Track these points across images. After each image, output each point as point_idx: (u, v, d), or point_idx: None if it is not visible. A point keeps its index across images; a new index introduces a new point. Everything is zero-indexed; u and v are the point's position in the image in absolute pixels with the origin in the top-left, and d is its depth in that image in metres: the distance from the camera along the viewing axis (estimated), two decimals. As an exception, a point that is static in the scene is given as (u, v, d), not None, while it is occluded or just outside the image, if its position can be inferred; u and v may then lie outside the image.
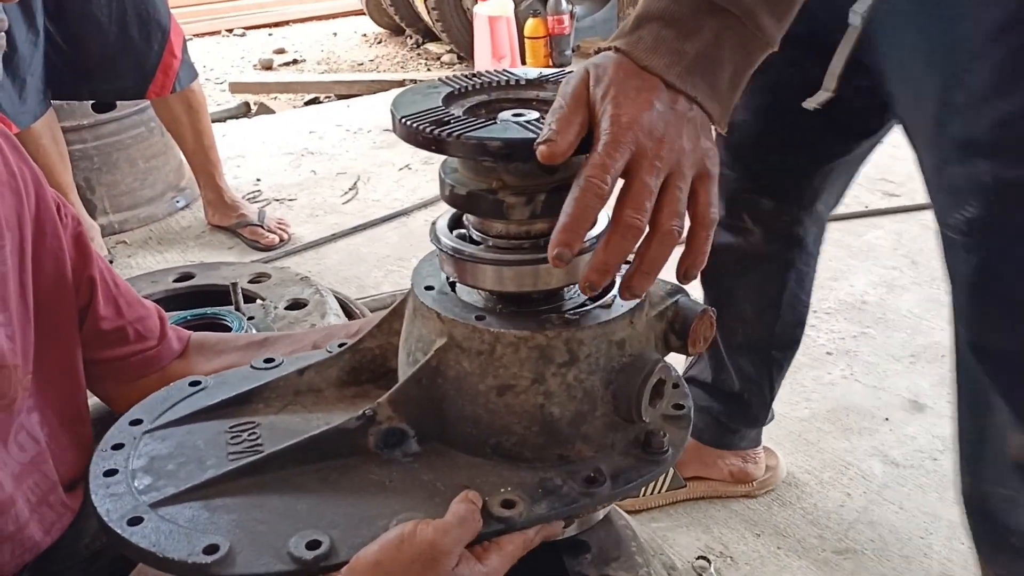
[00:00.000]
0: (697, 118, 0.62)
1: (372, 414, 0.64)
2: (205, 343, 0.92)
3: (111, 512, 0.60)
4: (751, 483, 1.62)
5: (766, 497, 1.61)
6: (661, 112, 0.60)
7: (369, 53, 5.33)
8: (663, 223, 0.59)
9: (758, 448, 1.64)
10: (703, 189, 0.61)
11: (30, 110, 2.21)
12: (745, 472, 1.61)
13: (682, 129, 0.60)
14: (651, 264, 0.59)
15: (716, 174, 0.62)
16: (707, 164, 0.61)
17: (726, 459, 1.60)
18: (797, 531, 1.54)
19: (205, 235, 2.75)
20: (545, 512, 0.62)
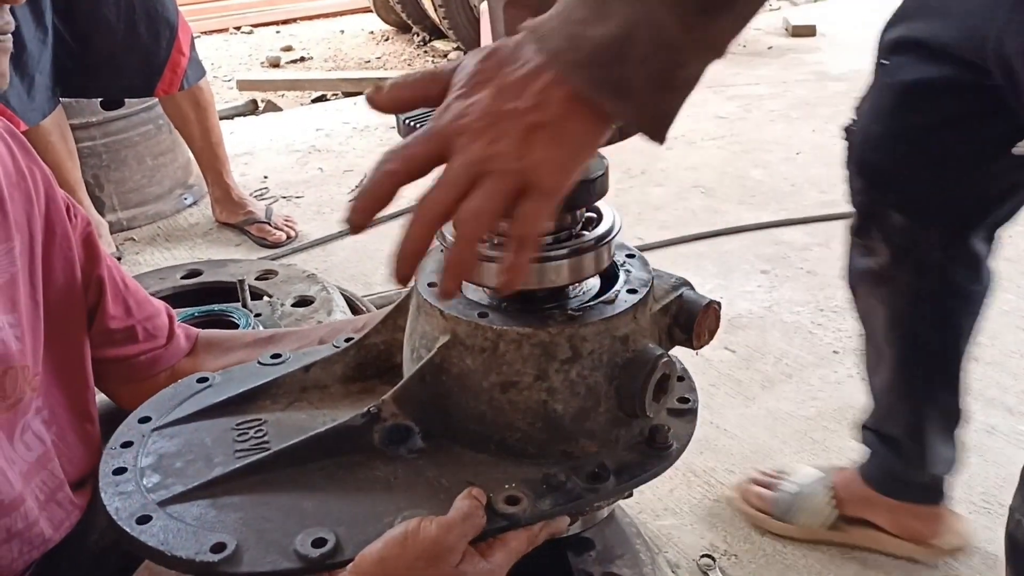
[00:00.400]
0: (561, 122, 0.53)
1: (377, 411, 0.64)
2: (213, 341, 0.93)
3: (120, 510, 0.61)
4: (925, 544, 1.46)
5: (772, 495, 1.61)
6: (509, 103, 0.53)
7: (376, 51, 5.33)
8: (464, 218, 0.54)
9: (936, 506, 1.48)
10: (526, 207, 0.53)
11: (39, 107, 2.22)
12: (915, 530, 1.47)
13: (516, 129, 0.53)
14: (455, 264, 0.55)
15: (545, 194, 0.53)
16: (535, 180, 0.53)
17: (896, 511, 1.47)
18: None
19: (213, 232, 2.76)
20: (549, 508, 0.62)
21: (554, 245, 0.65)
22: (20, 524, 0.73)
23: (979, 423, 1.77)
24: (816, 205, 2.69)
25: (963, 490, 1.60)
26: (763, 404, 1.85)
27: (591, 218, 0.69)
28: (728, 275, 2.35)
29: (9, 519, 0.73)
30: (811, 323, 2.12)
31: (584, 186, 0.63)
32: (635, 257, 0.71)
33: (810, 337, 2.06)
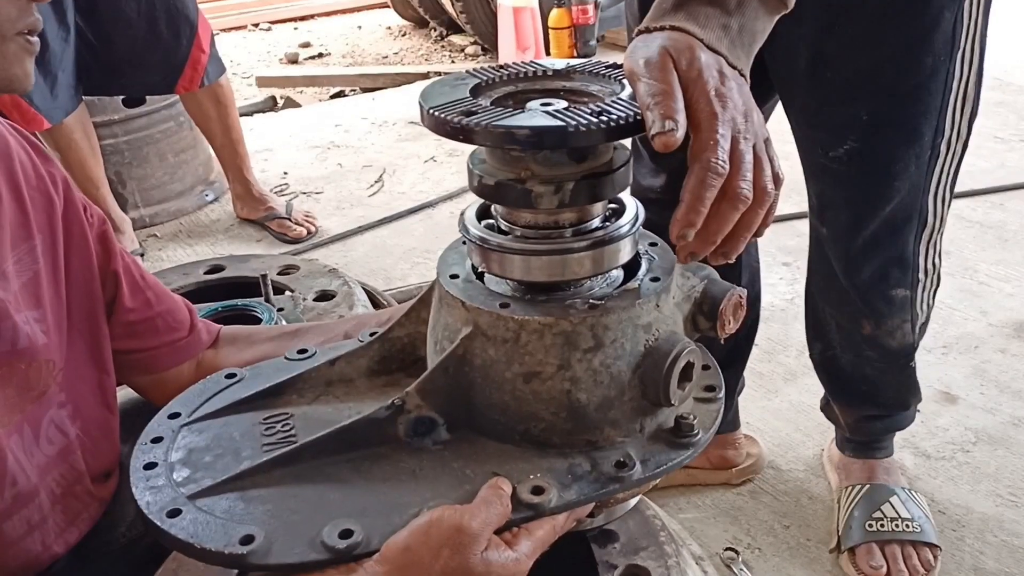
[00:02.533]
0: (747, 89, 0.65)
1: (401, 403, 0.64)
2: (237, 335, 0.94)
3: (151, 504, 0.62)
4: (730, 469, 1.58)
5: (794, 489, 1.60)
6: (734, 87, 0.63)
7: (394, 46, 5.34)
8: (762, 186, 0.61)
9: (736, 433, 1.59)
10: (771, 151, 0.64)
11: (61, 105, 2.24)
12: (723, 458, 1.57)
13: (750, 101, 0.64)
14: (748, 226, 0.62)
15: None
16: (767, 129, 0.65)
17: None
18: (826, 522, 1.52)
19: (234, 228, 2.78)
20: (575, 498, 0.62)
21: (576, 237, 0.65)
22: (36, 517, 0.75)
23: (1005, 416, 1.75)
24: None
25: (990, 483, 1.58)
26: (786, 397, 1.84)
27: (614, 209, 0.69)
28: (749, 267, 2.33)
29: (27, 511, 0.74)
30: (834, 315, 2.10)
31: (607, 178, 0.63)
32: (657, 245, 0.71)
33: (833, 329, 2.05)
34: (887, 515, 1.42)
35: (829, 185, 1.20)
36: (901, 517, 1.42)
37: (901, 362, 1.35)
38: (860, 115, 1.11)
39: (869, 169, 1.15)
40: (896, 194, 1.16)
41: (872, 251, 1.21)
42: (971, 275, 2.24)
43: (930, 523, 1.44)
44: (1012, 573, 1.40)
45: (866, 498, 1.45)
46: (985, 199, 2.62)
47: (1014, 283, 2.19)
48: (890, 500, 1.44)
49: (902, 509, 1.43)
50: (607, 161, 0.64)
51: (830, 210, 1.22)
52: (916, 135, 1.12)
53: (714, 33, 0.65)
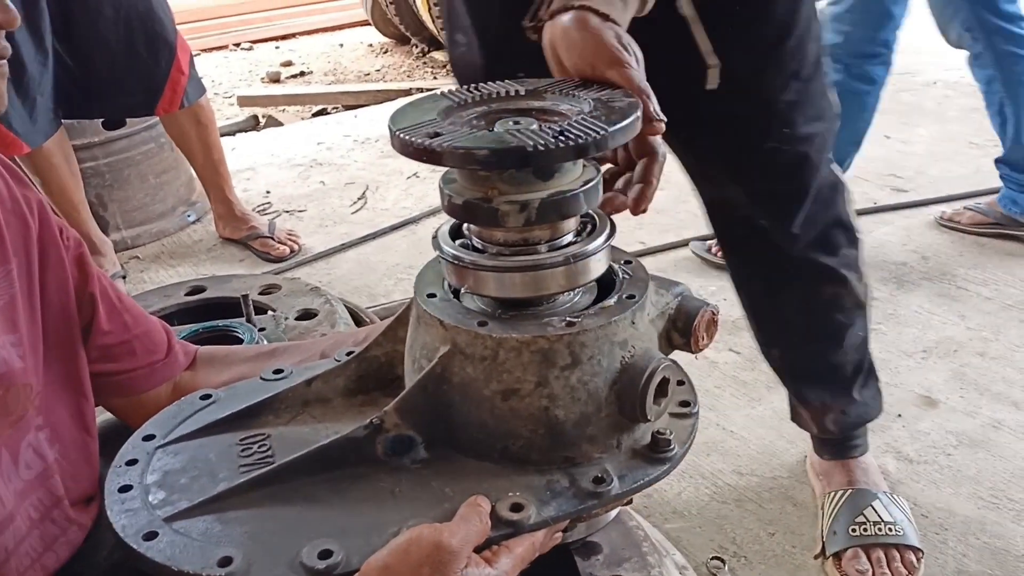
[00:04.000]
0: None
1: (379, 422, 0.65)
2: (215, 356, 0.94)
3: (127, 528, 0.61)
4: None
5: (779, 496, 1.61)
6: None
7: (375, 63, 5.36)
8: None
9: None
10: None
11: (41, 129, 2.24)
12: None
13: None
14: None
15: None
16: None
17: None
18: (811, 529, 1.53)
19: (216, 248, 2.77)
20: (554, 514, 0.62)
21: (551, 253, 0.65)
22: (12, 543, 0.74)
23: (985, 419, 1.77)
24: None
25: (971, 485, 1.59)
26: (769, 405, 1.85)
27: (586, 225, 0.70)
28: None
29: (3, 537, 0.73)
30: (815, 322, 2.12)
31: (579, 194, 0.64)
32: (632, 263, 0.72)
33: (814, 337, 2.06)
34: (870, 519, 1.43)
35: (755, 175, 1.26)
36: (884, 521, 1.43)
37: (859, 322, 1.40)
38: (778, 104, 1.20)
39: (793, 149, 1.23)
40: (821, 166, 1.26)
41: (815, 222, 1.29)
42: (949, 280, 2.27)
43: (912, 526, 1.45)
44: (995, 575, 1.41)
45: (849, 503, 1.47)
46: (961, 204, 2.66)
47: (991, 287, 2.21)
48: (872, 504, 1.45)
49: (884, 513, 1.44)
50: (575, 179, 0.65)
51: (769, 198, 1.28)
52: (823, 111, 1.24)
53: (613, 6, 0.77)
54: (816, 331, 1.39)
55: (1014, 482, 1.60)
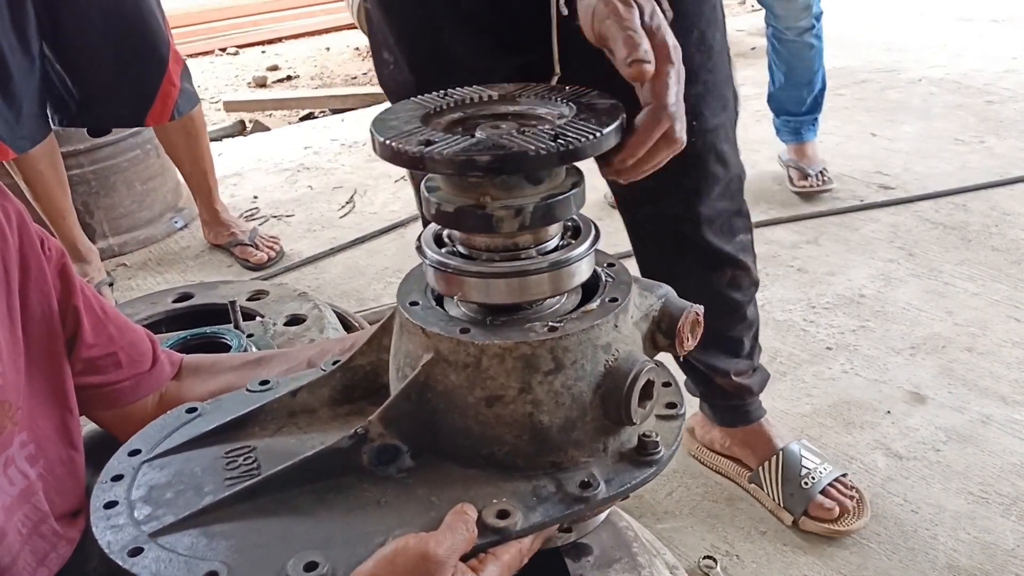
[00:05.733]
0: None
1: (364, 432, 0.64)
2: (200, 365, 0.93)
3: (112, 544, 0.61)
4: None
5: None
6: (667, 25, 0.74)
7: (362, 67, 5.34)
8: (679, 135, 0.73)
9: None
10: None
11: (27, 135, 2.23)
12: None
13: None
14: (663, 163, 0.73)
15: None
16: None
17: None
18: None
19: (204, 255, 2.76)
20: (540, 520, 0.62)
21: (535, 259, 0.65)
22: (6, 559, 0.74)
23: (974, 414, 1.78)
24: (804, 203, 2.70)
25: (961, 481, 1.60)
26: (759, 403, 1.85)
27: (570, 229, 0.70)
28: (719, 276, 2.36)
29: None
30: (803, 320, 2.13)
31: (563, 199, 0.64)
32: (615, 266, 0.72)
33: (802, 335, 2.07)
34: (810, 468, 1.57)
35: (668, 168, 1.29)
36: (817, 466, 1.57)
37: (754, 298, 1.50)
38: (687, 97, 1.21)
39: (704, 140, 1.26)
40: (727, 156, 1.31)
41: (720, 210, 1.36)
42: (936, 276, 2.28)
43: (827, 460, 1.60)
44: (986, 569, 1.42)
45: (786, 464, 1.58)
46: (948, 201, 2.67)
47: (978, 282, 2.23)
48: (802, 456, 1.59)
49: (813, 459, 1.59)
50: (562, 181, 0.65)
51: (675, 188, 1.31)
52: (726, 102, 1.28)
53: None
54: (718, 308, 1.44)
55: (1003, 477, 1.61)
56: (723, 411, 1.62)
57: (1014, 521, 1.51)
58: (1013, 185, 2.74)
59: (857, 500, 1.54)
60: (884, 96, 3.63)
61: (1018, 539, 1.47)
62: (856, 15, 4.76)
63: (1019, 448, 1.67)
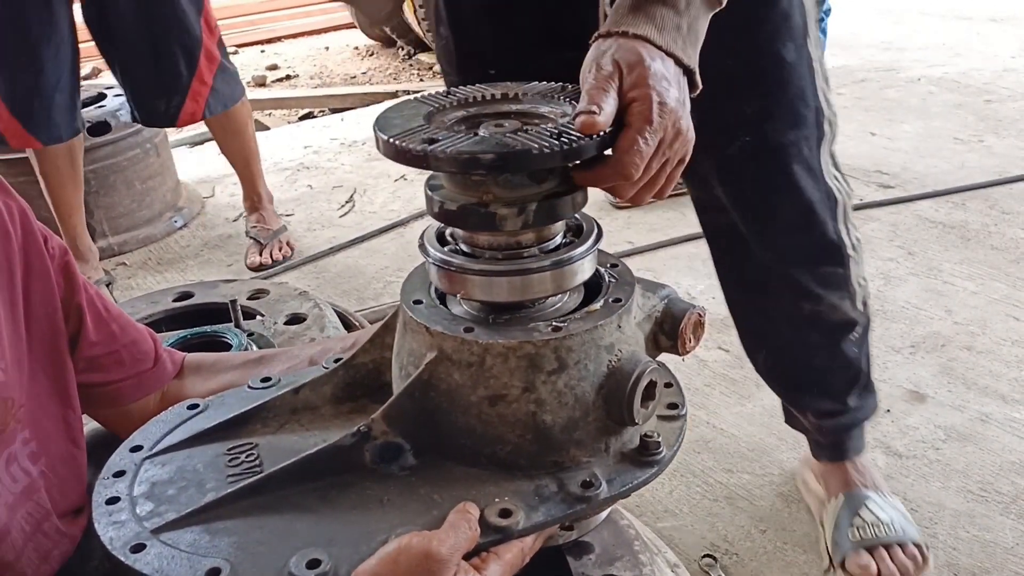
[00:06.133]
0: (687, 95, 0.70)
1: (367, 430, 0.65)
2: (202, 364, 0.93)
3: (115, 540, 0.61)
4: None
5: (770, 493, 1.62)
6: (679, 99, 0.67)
7: (361, 66, 5.34)
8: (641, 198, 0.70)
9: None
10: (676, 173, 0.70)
11: (57, 128, 2.27)
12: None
13: (688, 117, 0.68)
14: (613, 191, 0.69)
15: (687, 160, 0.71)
16: (688, 151, 0.69)
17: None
18: (802, 526, 1.54)
19: (204, 253, 2.76)
20: (542, 519, 0.62)
21: (537, 257, 0.65)
22: (10, 556, 0.74)
23: (973, 412, 1.78)
24: (804, 201, 2.71)
25: (960, 479, 1.60)
26: (759, 402, 1.85)
27: (572, 229, 0.70)
28: (719, 275, 2.36)
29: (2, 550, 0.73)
30: (803, 319, 2.13)
31: (567, 197, 0.64)
32: (618, 266, 0.72)
33: (803, 333, 2.07)
34: (867, 520, 1.42)
35: (733, 183, 1.23)
36: (881, 521, 1.42)
37: (844, 338, 1.35)
38: (744, 110, 1.15)
39: (766, 159, 1.18)
40: (799, 178, 1.20)
41: (795, 237, 1.24)
42: (935, 275, 2.28)
43: (909, 521, 1.44)
44: (985, 567, 1.42)
45: (845, 509, 1.45)
46: (947, 200, 2.67)
47: (977, 281, 2.23)
48: (867, 505, 1.44)
49: (881, 512, 1.43)
50: (565, 180, 0.65)
51: (743, 207, 1.24)
52: (800, 119, 1.17)
53: (670, 35, 0.69)
54: (799, 344, 1.37)
55: (1002, 475, 1.61)
56: (810, 442, 1.53)
57: (1013, 519, 1.51)
58: (1012, 184, 2.74)
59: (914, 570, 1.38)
60: (883, 95, 3.64)
61: (1017, 537, 1.47)
62: (855, 14, 4.77)
63: (1018, 446, 1.67)
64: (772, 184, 1.20)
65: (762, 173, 1.19)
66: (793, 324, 1.33)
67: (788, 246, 1.25)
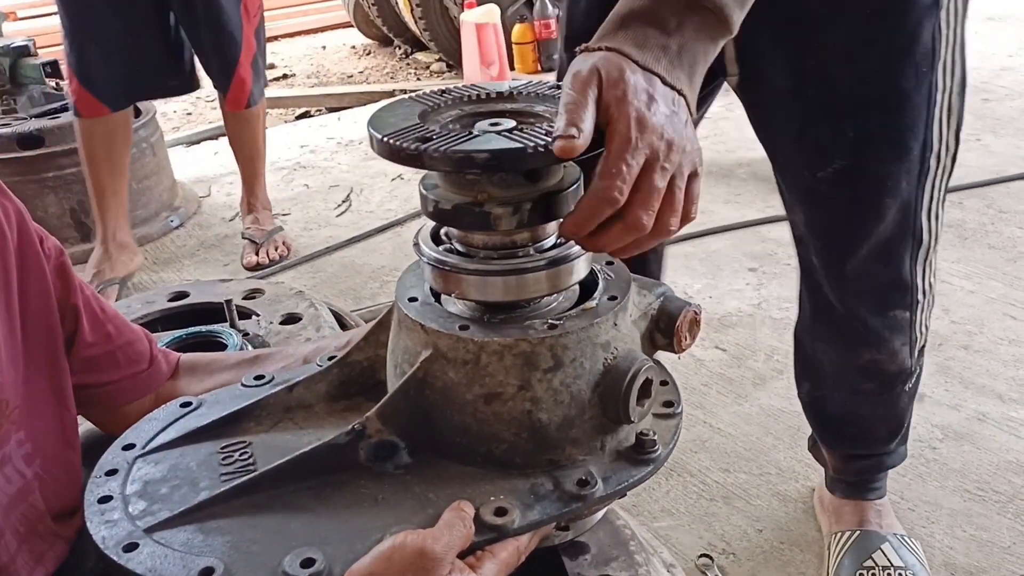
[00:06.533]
0: (684, 113, 0.65)
1: (361, 428, 0.64)
2: (197, 364, 0.93)
3: (107, 539, 0.61)
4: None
5: (767, 493, 1.62)
6: (666, 113, 0.63)
7: (358, 65, 5.34)
8: (665, 222, 0.63)
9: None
10: (694, 187, 0.64)
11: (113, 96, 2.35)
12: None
13: (682, 128, 0.64)
14: (638, 246, 0.64)
15: (702, 172, 0.65)
16: (697, 163, 0.65)
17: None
18: (799, 525, 1.54)
19: (200, 253, 2.76)
20: (538, 518, 0.62)
21: (533, 256, 0.65)
22: (4, 558, 0.73)
23: (970, 411, 1.78)
24: (801, 201, 2.70)
25: (957, 479, 1.60)
26: (756, 401, 1.85)
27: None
28: (716, 274, 2.36)
29: None
30: (800, 319, 2.12)
31: (562, 196, 0.64)
32: (614, 264, 0.72)
33: (800, 333, 2.07)
34: (878, 563, 1.35)
35: (818, 207, 1.16)
36: (893, 566, 1.35)
37: (897, 389, 1.30)
38: (846, 132, 1.08)
39: (859, 187, 1.11)
40: (888, 211, 1.12)
41: (867, 274, 1.17)
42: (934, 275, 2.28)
43: (925, 571, 1.38)
44: (982, 567, 1.42)
45: (856, 545, 1.39)
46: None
47: (974, 280, 2.23)
48: (881, 548, 1.37)
49: (895, 557, 1.36)
50: (560, 179, 0.65)
51: (820, 234, 1.18)
52: (905, 150, 1.08)
53: (651, 54, 0.65)
54: (849, 390, 1.31)
55: (999, 474, 1.61)
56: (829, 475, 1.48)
57: (1010, 519, 1.51)
58: (1009, 183, 2.74)
59: None
60: (880, 95, 3.64)
61: (1014, 536, 1.47)
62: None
63: (1015, 445, 1.67)
64: (856, 213, 1.13)
65: (849, 201, 1.12)
66: (848, 371, 1.28)
67: (858, 282, 1.18)
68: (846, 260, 1.16)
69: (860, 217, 1.12)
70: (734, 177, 2.95)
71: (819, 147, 1.10)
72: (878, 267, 1.16)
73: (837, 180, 1.10)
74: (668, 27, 0.67)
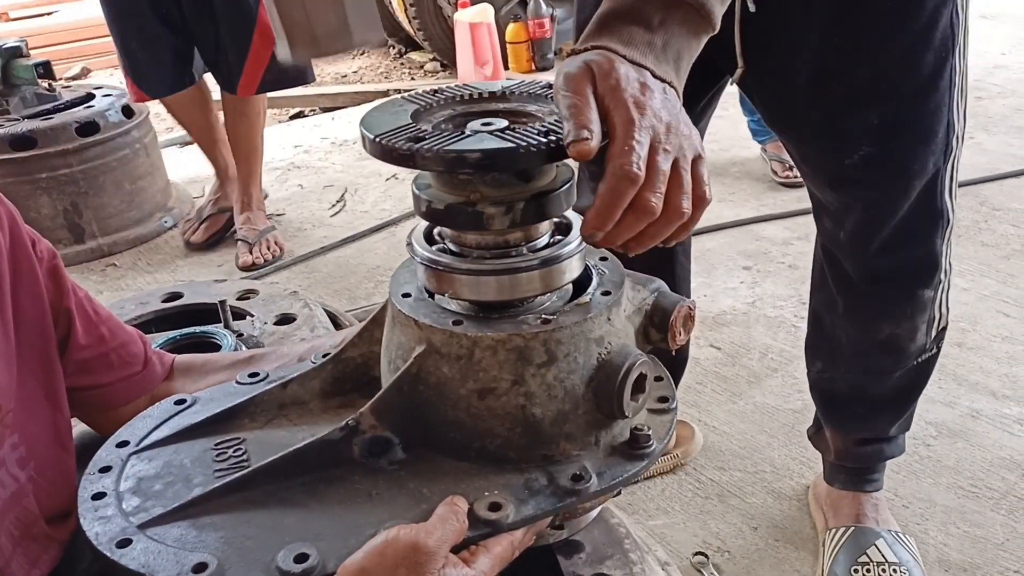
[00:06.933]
0: (677, 101, 0.66)
1: (355, 424, 0.64)
2: (191, 365, 0.93)
3: (100, 535, 0.61)
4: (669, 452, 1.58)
5: (761, 490, 1.62)
6: (661, 100, 0.64)
7: (352, 65, 5.33)
8: (676, 203, 0.62)
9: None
10: (700, 168, 0.64)
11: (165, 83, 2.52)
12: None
13: (678, 113, 0.64)
14: (655, 236, 0.63)
15: (705, 156, 0.65)
16: (699, 147, 0.65)
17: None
18: (794, 523, 1.54)
19: (194, 254, 2.75)
20: (532, 513, 0.62)
21: (525, 256, 0.65)
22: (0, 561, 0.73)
23: (964, 408, 1.78)
24: (795, 200, 2.71)
25: (951, 475, 1.61)
26: (750, 399, 1.86)
27: (561, 226, 0.69)
28: (711, 273, 2.36)
29: None
30: (794, 317, 2.13)
31: (555, 195, 0.64)
32: (608, 259, 0.72)
33: (794, 331, 2.07)
34: (873, 559, 1.36)
35: (847, 193, 1.18)
36: (888, 561, 1.36)
37: (912, 364, 1.32)
38: (871, 120, 1.09)
39: (888, 172, 1.13)
40: (914, 192, 1.14)
41: (894, 251, 1.19)
42: (926, 272, 2.29)
43: (919, 567, 1.38)
44: (976, 563, 1.43)
45: (851, 541, 1.40)
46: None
47: (967, 278, 2.24)
48: (876, 544, 1.38)
49: (889, 553, 1.37)
50: (553, 179, 0.65)
51: (849, 215, 1.19)
52: (930, 133, 1.11)
53: (638, 50, 0.67)
54: (862, 368, 1.33)
55: (992, 471, 1.62)
56: (828, 465, 1.49)
57: (1004, 515, 1.51)
58: (1002, 181, 2.75)
59: None
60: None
61: (1008, 533, 1.48)
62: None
63: (1009, 442, 1.68)
64: (887, 192, 1.15)
65: (879, 185, 1.14)
66: (862, 352, 1.29)
67: (886, 260, 1.20)
68: (873, 238, 1.18)
69: (889, 198, 1.15)
70: (728, 175, 2.95)
71: (845, 137, 1.12)
72: (906, 245, 1.18)
73: (866, 166, 1.13)
74: (652, 24, 0.68)
